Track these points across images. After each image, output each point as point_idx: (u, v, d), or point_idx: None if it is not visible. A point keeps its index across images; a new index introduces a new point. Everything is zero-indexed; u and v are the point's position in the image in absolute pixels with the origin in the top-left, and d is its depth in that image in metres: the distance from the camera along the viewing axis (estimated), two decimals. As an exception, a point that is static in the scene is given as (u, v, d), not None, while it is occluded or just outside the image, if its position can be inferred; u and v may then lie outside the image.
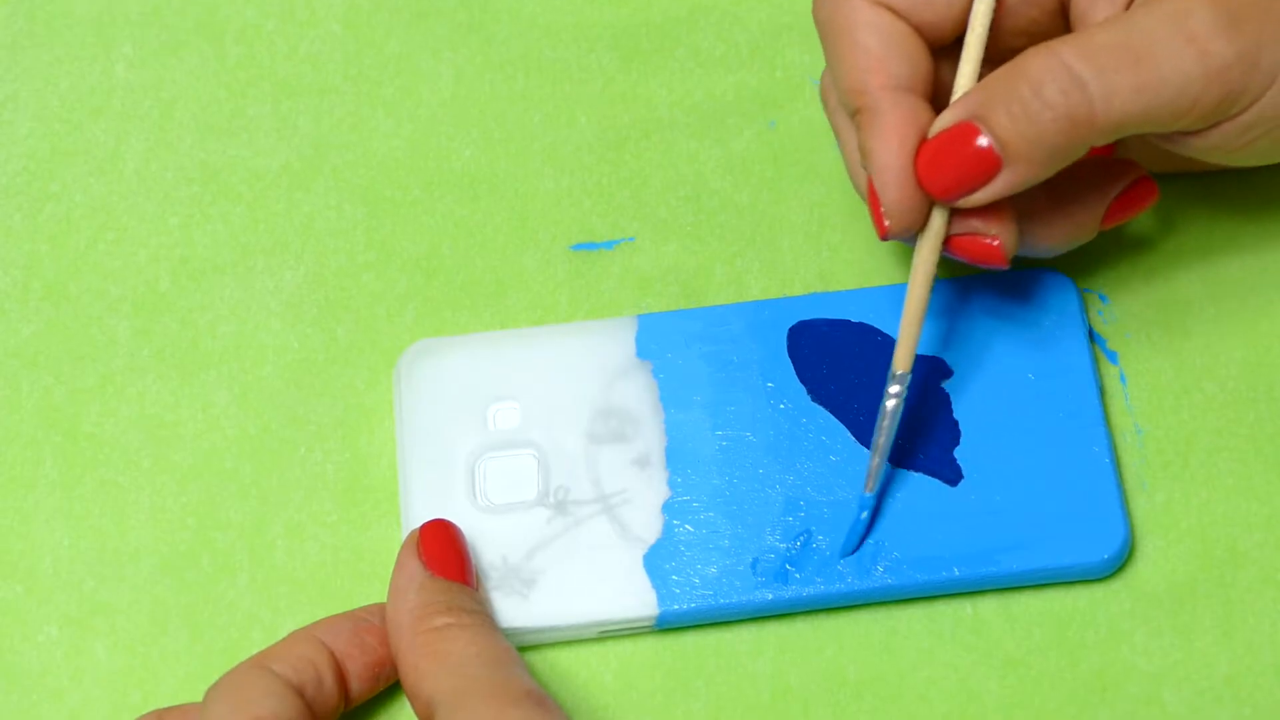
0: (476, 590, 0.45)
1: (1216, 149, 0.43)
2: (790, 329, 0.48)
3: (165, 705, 0.46)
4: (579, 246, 0.51)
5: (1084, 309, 0.49)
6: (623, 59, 0.53)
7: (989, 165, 0.42)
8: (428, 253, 0.51)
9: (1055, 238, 0.46)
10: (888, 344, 0.48)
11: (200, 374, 0.50)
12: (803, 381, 0.48)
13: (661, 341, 0.48)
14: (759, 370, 0.48)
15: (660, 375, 0.48)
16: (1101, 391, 0.48)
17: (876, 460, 0.45)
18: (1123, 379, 0.49)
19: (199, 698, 0.45)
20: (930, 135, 0.42)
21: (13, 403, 0.50)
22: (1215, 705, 0.45)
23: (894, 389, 0.45)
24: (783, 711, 0.46)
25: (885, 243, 0.50)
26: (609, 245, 0.51)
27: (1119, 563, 0.46)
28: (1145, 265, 0.50)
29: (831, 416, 0.47)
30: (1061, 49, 0.41)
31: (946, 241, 0.44)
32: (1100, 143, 0.42)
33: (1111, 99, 0.41)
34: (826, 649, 0.46)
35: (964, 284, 0.49)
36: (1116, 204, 0.46)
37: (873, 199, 0.43)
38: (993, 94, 0.41)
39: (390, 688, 0.46)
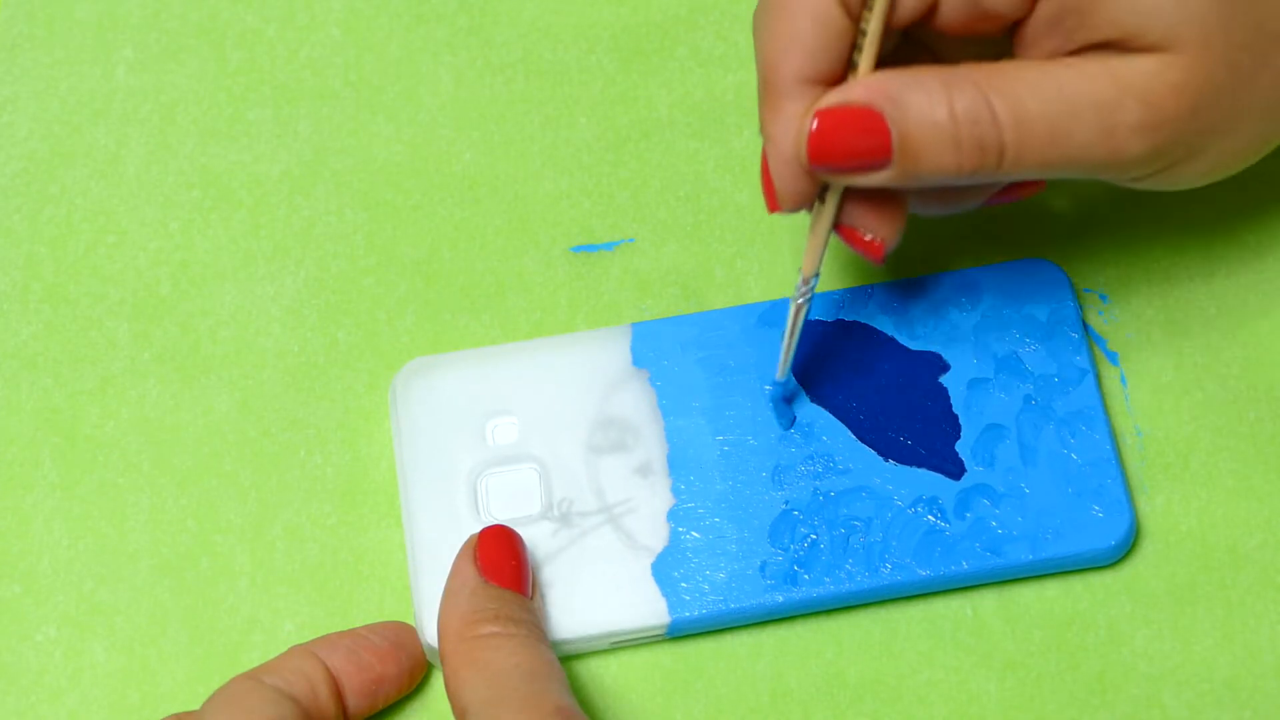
0: (532, 599, 0.45)
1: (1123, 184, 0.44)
2: None
3: (163, 708, 0.46)
4: (579, 248, 0.51)
5: (1077, 297, 0.49)
6: (622, 60, 0.53)
7: (879, 154, 0.41)
8: (428, 256, 0.51)
9: (931, 210, 0.46)
10: (885, 342, 0.48)
11: (201, 377, 0.50)
12: (800, 383, 0.48)
13: (657, 349, 0.48)
14: (756, 373, 0.48)
15: (658, 383, 0.48)
16: (1098, 377, 0.48)
17: (786, 350, 0.46)
18: (1123, 380, 0.49)
19: (198, 700, 0.46)
20: (837, 103, 0.41)
21: (12, 404, 0.50)
22: (1215, 707, 0.45)
23: (802, 289, 0.45)
24: (783, 714, 0.46)
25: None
26: (609, 246, 0.51)
27: (1126, 548, 0.46)
28: (1145, 265, 0.50)
29: (831, 416, 0.47)
30: (996, 100, 0.41)
31: (835, 224, 0.44)
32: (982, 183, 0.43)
33: (1018, 164, 0.41)
34: (826, 651, 0.46)
35: (954, 278, 0.49)
36: (1007, 190, 0.46)
37: (765, 176, 0.43)
38: (913, 99, 0.41)
39: (397, 706, 0.46)
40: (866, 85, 0.41)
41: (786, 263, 0.50)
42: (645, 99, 0.53)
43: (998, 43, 0.44)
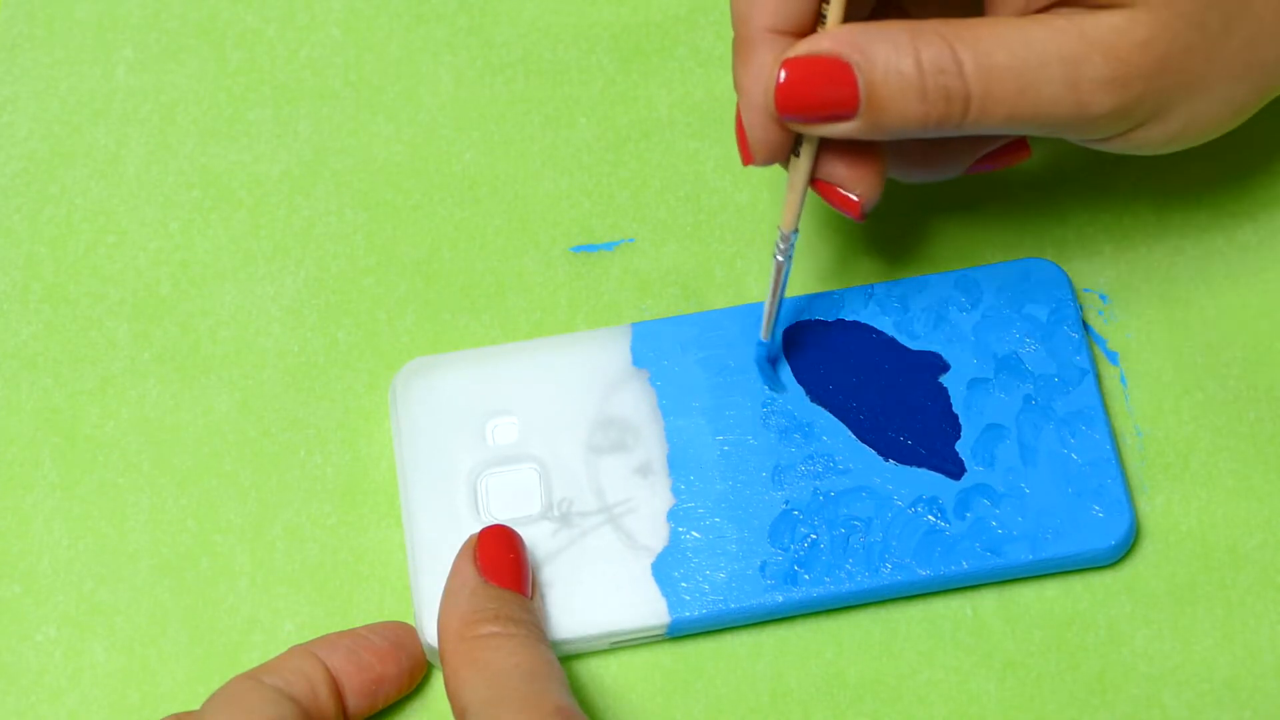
0: (532, 599, 0.45)
1: (1092, 146, 0.44)
2: (786, 330, 0.48)
3: (163, 708, 0.46)
4: (579, 248, 0.51)
5: (1077, 297, 0.49)
6: (622, 59, 0.53)
7: (846, 105, 0.41)
8: (428, 256, 0.51)
9: (914, 176, 0.46)
10: (885, 342, 0.48)
11: (200, 377, 0.50)
12: (800, 383, 0.48)
13: (657, 349, 0.48)
14: (757, 373, 0.48)
15: (658, 383, 0.48)
16: (1098, 377, 0.48)
17: (770, 309, 0.46)
18: (1123, 380, 0.49)
19: (198, 700, 0.46)
20: (805, 53, 0.42)
21: (12, 404, 0.50)
22: (1215, 707, 0.45)
23: (782, 246, 0.45)
24: (782, 714, 0.46)
25: (886, 240, 0.50)
26: (609, 247, 0.51)
27: (1126, 548, 0.46)
28: (1145, 265, 0.50)
29: (831, 416, 0.47)
30: (962, 50, 0.41)
31: (812, 180, 0.44)
32: (948, 135, 0.43)
33: (983, 116, 0.41)
34: (826, 651, 0.46)
35: (953, 278, 0.49)
36: (990, 157, 0.46)
37: (740, 128, 0.43)
38: (880, 49, 0.41)
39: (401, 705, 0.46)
40: (834, 36, 0.41)
41: (786, 262, 0.51)
42: (645, 99, 0.53)
43: (967, 5, 0.44)
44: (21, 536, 0.48)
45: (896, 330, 0.48)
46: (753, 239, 0.51)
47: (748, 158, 0.44)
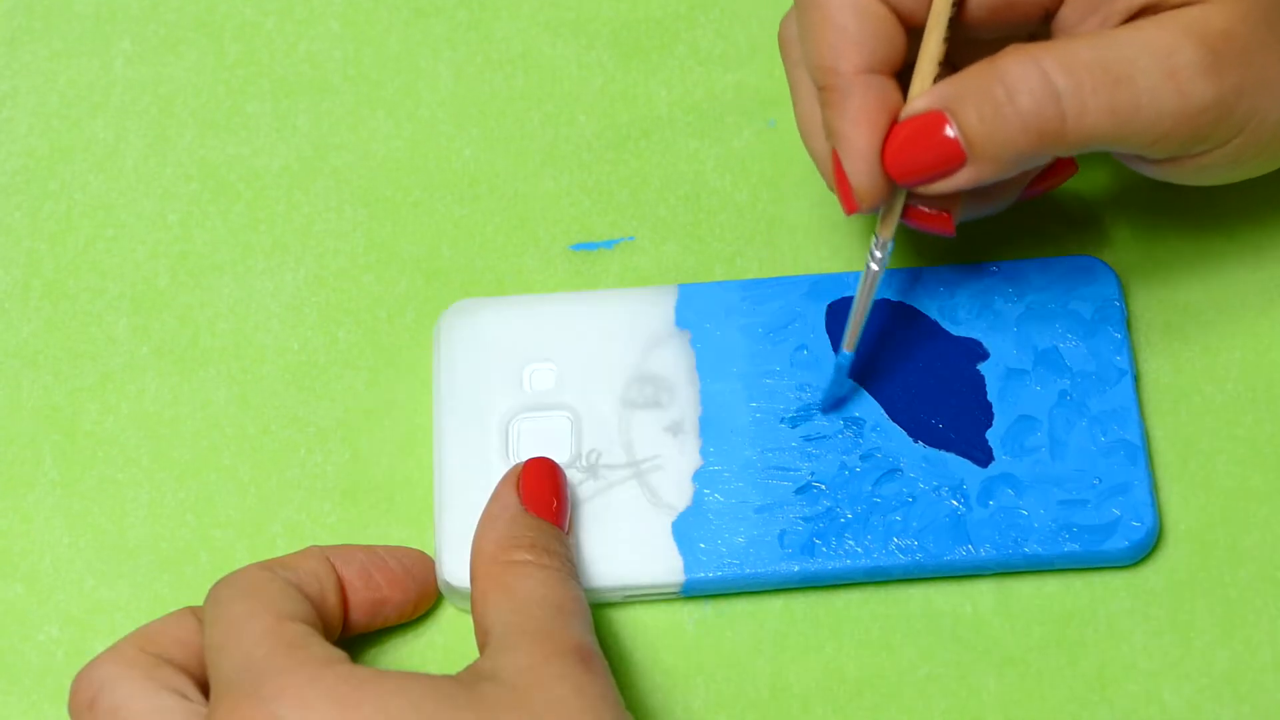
0: (568, 534, 0.45)
1: (1169, 176, 0.44)
2: (830, 305, 0.48)
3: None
4: (579, 246, 0.51)
5: (1124, 297, 0.49)
6: (622, 56, 0.53)
7: (953, 158, 0.42)
8: (428, 253, 0.51)
9: (969, 212, 0.46)
10: (926, 324, 0.48)
11: (199, 371, 0.50)
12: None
13: (701, 311, 0.49)
14: (796, 344, 0.48)
15: (698, 345, 0.48)
16: (1136, 378, 0.48)
17: (858, 319, 0.46)
18: (1121, 379, 0.49)
19: (199, 699, 0.45)
20: (900, 118, 0.42)
21: (12, 401, 0.49)
22: (1215, 703, 0.45)
23: (878, 254, 0.45)
24: (782, 709, 0.46)
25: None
26: (609, 245, 0.51)
27: (1145, 551, 0.46)
28: (1142, 268, 0.50)
29: (865, 393, 0.48)
30: (1042, 57, 0.41)
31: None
32: (1066, 155, 0.42)
33: (1084, 116, 0.41)
34: (826, 646, 0.46)
35: (1003, 268, 0.49)
36: (1039, 179, 0.46)
37: (840, 178, 0.43)
38: (966, 89, 0.41)
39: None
40: (926, 94, 0.42)
41: (786, 261, 0.51)
42: (645, 96, 0.53)
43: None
44: (24, 535, 0.48)
45: (940, 315, 0.48)
46: (752, 237, 0.51)
47: (852, 207, 0.43)
